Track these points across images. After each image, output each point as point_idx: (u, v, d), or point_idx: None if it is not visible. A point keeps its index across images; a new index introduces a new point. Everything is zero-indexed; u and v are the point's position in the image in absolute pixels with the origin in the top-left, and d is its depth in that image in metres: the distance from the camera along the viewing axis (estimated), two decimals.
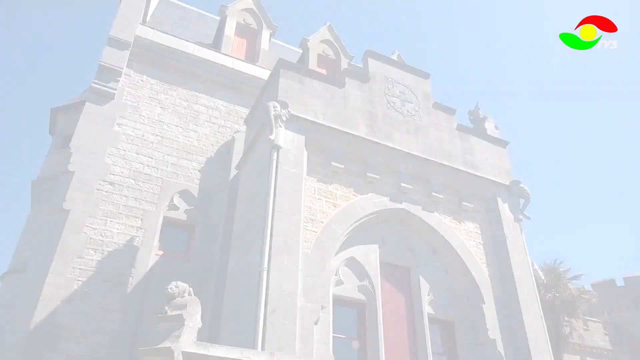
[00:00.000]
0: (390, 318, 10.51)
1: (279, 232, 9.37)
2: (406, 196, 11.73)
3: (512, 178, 13.37)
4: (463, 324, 11.11)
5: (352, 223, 10.65)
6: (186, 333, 5.46)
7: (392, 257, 11.26)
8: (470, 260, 11.54)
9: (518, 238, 12.35)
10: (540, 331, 11.00)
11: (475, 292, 11.24)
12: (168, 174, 13.15)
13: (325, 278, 9.66)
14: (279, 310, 8.49)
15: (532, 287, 11.67)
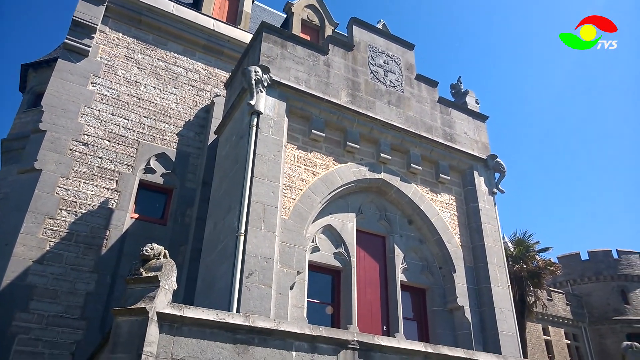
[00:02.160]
0: (364, 285, 10.73)
1: (257, 198, 9.37)
2: (385, 166, 11.81)
3: (489, 152, 13.56)
4: (434, 291, 11.43)
5: (330, 191, 10.71)
6: (161, 294, 5.47)
7: (369, 226, 11.42)
8: (444, 231, 11.79)
9: (491, 211, 12.63)
10: (507, 300, 11.39)
11: (447, 261, 11.54)
12: (145, 137, 12.91)
13: (302, 245, 9.75)
14: (254, 275, 8.57)
15: (501, 258, 12.02)
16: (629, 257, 42.30)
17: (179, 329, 5.49)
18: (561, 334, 37.52)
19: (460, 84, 15.33)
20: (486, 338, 10.84)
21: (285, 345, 5.96)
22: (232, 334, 5.72)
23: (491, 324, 10.89)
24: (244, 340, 5.75)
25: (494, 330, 10.78)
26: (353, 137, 11.48)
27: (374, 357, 6.46)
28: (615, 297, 40.51)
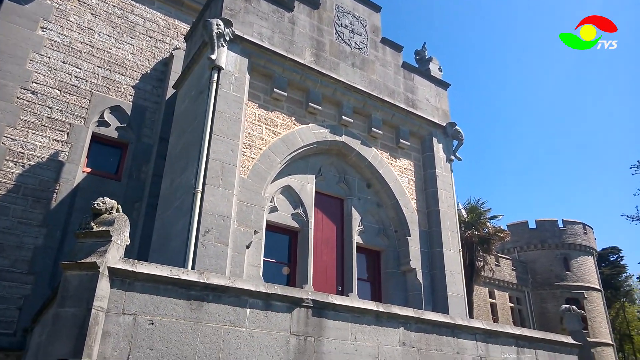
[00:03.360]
0: (321, 246, 10.86)
1: (216, 155, 9.19)
2: (346, 129, 11.79)
3: (449, 120, 13.74)
4: (388, 253, 11.71)
5: (290, 152, 10.63)
6: (113, 249, 5.34)
7: (328, 188, 11.47)
8: (401, 196, 11.98)
9: (447, 177, 12.91)
10: (457, 264, 11.81)
11: (403, 225, 11.79)
12: (98, 88, 12.33)
13: (260, 204, 9.71)
14: (211, 233, 8.50)
15: (454, 223, 12.38)
16: (573, 227, 44.58)
17: (132, 284, 5.40)
18: (506, 297, 39.52)
19: (425, 50, 15.31)
20: (436, 299, 11.26)
21: (240, 302, 5.98)
22: (186, 291, 5.69)
23: (441, 286, 11.31)
24: (198, 296, 5.73)
25: (444, 292, 11.20)
26: (316, 98, 11.35)
27: (328, 315, 6.60)
28: (557, 264, 42.81)
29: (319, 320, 6.51)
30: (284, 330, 6.15)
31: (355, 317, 6.83)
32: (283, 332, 6.13)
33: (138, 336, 5.21)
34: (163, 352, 5.28)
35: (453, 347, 7.62)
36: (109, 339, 5.05)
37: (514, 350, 8.40)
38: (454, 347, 7.63)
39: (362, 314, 6.90)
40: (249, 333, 5.87)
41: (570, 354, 9.43)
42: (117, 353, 5.04)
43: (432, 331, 7.51)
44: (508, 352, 8.30)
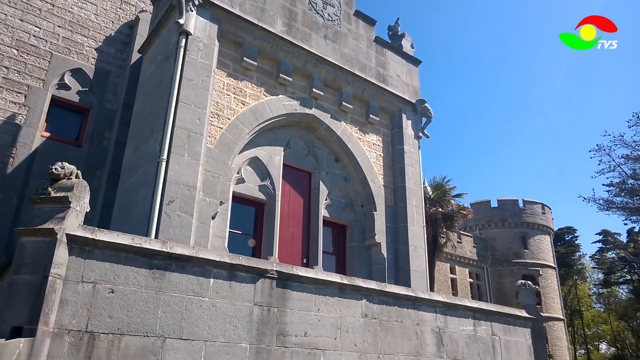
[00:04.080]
0: (287, 218, 10.86)
1: (182, 123, 8.98)
2: (316, 102, 11.69)
3: (418, 97, 13.80)
4: (354, 227, 11.82)
5: (259, 123, 10.48)
6: (71, 216, 5.16)
7: (296, 161, 11.41)
8: (369, 171, 12.05)
9: (415, 154, 13.03)
10: (420, 239, 12.04)
11: (369, 200, 11.89)
12: (59, 49, 11.77)
13: (227, 175, 9.58)
14: (175, 202, 8.36)
15: (420, 200, 12.57)
16: (533, 207, 46.06)
17: (91, 252, 5.26)
18: (466, 273, 40.78)
19: (398, 26, 15.21)
20: (399, 273, 11.49)
21: (204, 272, 5.93)
22: (148, 260, 5.59)
23: (404, 260, 11.53)
24: (161, 266, 5.65)
25: (407, 266, 11.43)
26: (286, 69, 11.17)
27: (292, 286, 6.63)
28: (516, 242, 44.31)
29: (283, 291, 6.53)
30: (248, 301, 6.16)
31: (319, 289, 6.89)
32: (247, 303, 6.13)
33: (97, 304, 5.11)
34: (123, 321, 5.20)
35: (413, 319, 7.82)
36: (67, 306, 4.94)
37: (471, 322, 8.69)
38: (414, 319, 7.83)
39: (326, 285, 6.96)
40: (212, 303, 5.84)
41: (524, 327, 9.82)
42: (75, 321, 4.93)
43: (394, 303, 7.66)
44: (465, 324, 8.57)
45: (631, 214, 37.85)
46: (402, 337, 7.52)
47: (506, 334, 9.30)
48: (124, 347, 5.12)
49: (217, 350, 5.67)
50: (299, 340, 6.39)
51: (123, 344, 5.12)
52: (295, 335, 6.40)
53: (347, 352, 6.80)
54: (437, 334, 8.04)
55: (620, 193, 37.43)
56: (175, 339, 5.44)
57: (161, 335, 5.36)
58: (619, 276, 61.93)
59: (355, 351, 6.89)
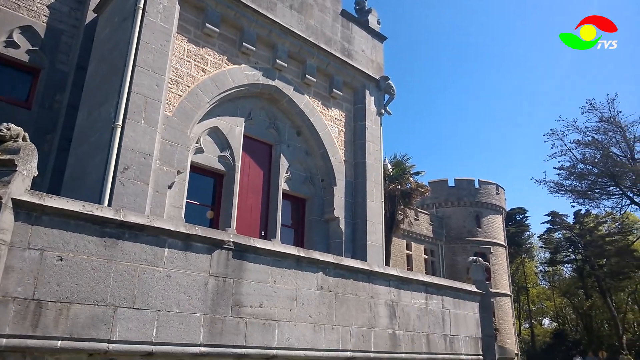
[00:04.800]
0: (246, 190, 10.77)
1: (139, 89, 8.66)
2: (280, 74, 11.51)
3: (382, 73, 13.80)
4: (313, 201, 11.87)
5: (220, 92, 10.25)
6: (18, 180, 4.92)
7: (257, 133, 11.27)
8: (330, 145, 12.05)
9: (377, 131, 13.10)
10: (378, 215, 12.22)
11: (329, 175, 11.92)
12: (7, 3, 11.03)
13: (185, 144, 9.37)
14: (130, 170, 8.13)
15: (379, 176, 12.70)
16: (487, 187, 47.52)
17: (39, 218, 5.06)
18: (421, 249, 41.89)
19: (365, 1, 15.08)
20: (356, 247, 11.65)
21: (158, 242, 5.82)
22: (100, 227, 5.42)
23: (361, 235, 11.69)
24: (113, 234, 5.50)
25: (364, 241, 11.60)
26: (250, 38, 10.90)
27: (248, 257, 6.60)
28: (470, 221, 45.75)
29: (239, 262, 6.50)
30: (203, 271, 6.10)
31: (276, 261, 6.90)
32: (202, 273, 6.08)
33: (45, 272, 4.94)
34: (73, 289, 5.06)
35: (368, 292, 7.97)
36: (12, 274, 4.75)
37: (423, 296, 8.94)
38: (369, 292, 7.98)
39: (283, 258, 6.98)
40: (166, 273, 5.76)
41: (473, 301, 10.20)
42: (21, 288, 4.76)
43: (350, 277, 7.77)
44: (418, 297, 8.82)
45: (579, 196, 39.68)
46: (357, 309, 7.67)
47: (456, 307, 9.64)
48: (73, 315, 4.99)
49: (171, 320, 5.62)
50: (254, 311, 6.41)
51: (72, 313, 4.99)
52: (250, 306, 6.41)
53: (301, 323, 6.88)
54: (390, 307, 8.24)
55: (569, 176, 39.10)
56: (128, 308, 5.35)
57: (112, 305, 5.25)
58: (564, 255, 65.17)
59: (310, 322, 6.98)
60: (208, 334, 5.85)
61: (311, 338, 6.90)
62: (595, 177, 38.00)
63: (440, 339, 9.00)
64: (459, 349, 9.39)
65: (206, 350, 5.76)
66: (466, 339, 9.65)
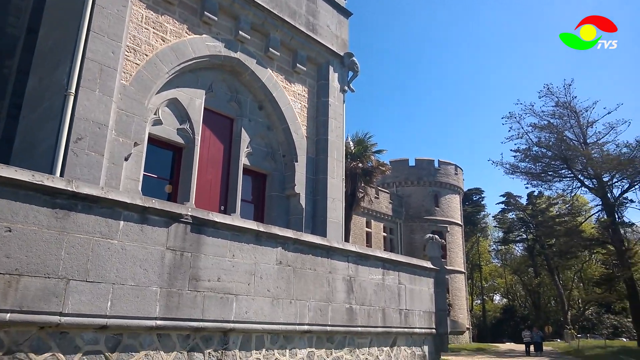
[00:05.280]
0: (206, 164, 10.61)
1: (94, 56, 8.30)
2: (242, 46, 11.27)
3: (347, 49, 13.72)
4: (274, 177, 11.82)
5: (180, 63, 9.95)
6: None
7: (218, 106, 11.06)
8: (292, 121, 11.97)
9: (339, 108, 13.09)
10: (339, 192, 12.31)
11: (291, 150, 11.88)
12: None
13: (143, 115, 9.10)
14: (84, 140, 7.84)
15: (341, 153, 12.75)
16: (447, 168, 48.60)
17: None
18: (381, 227, 42.65)
19: None
20: (316, 223, 11.73)
21: (113, 214, 5.67)
22: (51, 198, 5.23)
23: (322, 212, 11.77)
24: (65, 205, 5.31)
25: (324, 217, 11.69)
26: (212, 7, 10.59)
27: (207, 232, 6.54)
28: (429, 200, 46.81)
29: (197, 236, 6.43)
30: (160, 245, 6.00)
31: (235, 236, 6.86)
32: (159, 247, 5.98)
33: None
34: (22, 261, 4.89)
35: (326, 267, 8.06)
36: None
37: (380, 272, 9.13)
38: (328, 267, 8.08)
39: (242, 232, 6.95)
40: (121, 246, 5.63)
41: (428, 277, 10.50)
42: None
43: (309, 252, 7.83)
44: (375, 273, 9.00)
45: (532, 178, 41.08)
46: (315, 284, 7.76)
47: (411, 283, 9.90)
48: (23, 287, 4.83)
49: (126, 294, 5.53)
50: (212, 285, 6.38)
51: (22, 285, 4.83)
52: (208, 280, 6.38)
53: (260, 297, 6.91)
54: (348, 282, 8.38)
55: (525, 159, 40.36)
56: (80, 281, 5.22)
57: (64, 277, 5.11)
58: (516, 235, 67.82)
59: (268, 296, 7.02)
60: (164, 307, 5.80)
61: (269, 312, 6.95)
62: (549, 160, 39.36)
63: (395, 313, 9.25)
64: (414, 322, 9.68)
65: (162, 324, 5.72)
66: (420, 313, 9.95)
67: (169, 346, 5.87)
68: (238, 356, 6.59)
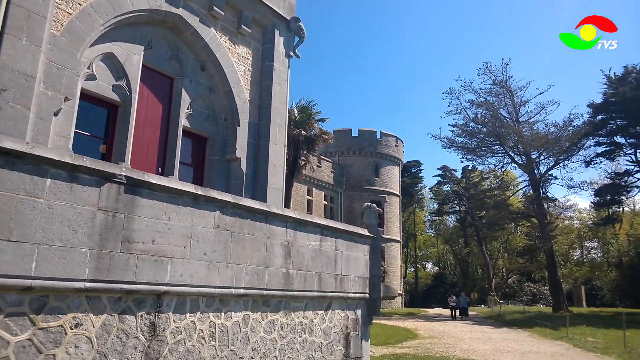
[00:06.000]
0: (143, 124, 10.22)
1: (20, 1, 7.66)
2: (185, 3, 10.78)
3: (294, 14, 13.48)
4: (215, 140, 11.60)
5: (117, 14, 9.40)
6: None
7: (158, 64, 10.61)
8: (235, 84, 11.71)
9: (284, 73, 12.92)
10: (280, 158, 12.28)
11: (233, 114, 11.66)
12: None
13: (74, 68, 8.57)
14: (9, 92, 7.31)
15: (284, 119, 12.67)
16: (388, 139, 49.57)
17: None
18: (322, 196, 43.16)
19: None
20: (256, 189, 11.68)
21: (39, 172, 5.37)
22: None
23: (263, 177, 11.72)
24: None
25: (264, 183, 11.66)
26: None
27: (142, 193, 6.35)
28: (369, 171, 47.75)
29: (131, 197, 6.23)
30: (91, 205, 5.78)
31: (172, 198, 6.72)
32: (89, 207, 5.75)
33: None
34: None
35: (265, 232, 8.09)
36: None
37: (318, 238, 9.29)
38: (266, 232, 8.11)
39: (179, 195, 6.81)
40: (48, 205, 5.37)
41: (364, 244, 10.80)
42: None
43: (247, 217, 7.82)
44: (313, 239, 9.14)
45: (467, 153, 42.83)
46: (252, 249, 7.79)
47: (348, 249, 10.15)
48: None
49: (52, 255, 5.31)
50: (146, 248, 6.25)
51: None
52: (142, 243, 6.24)
53: (196, 260, 6.86)
54: (286, 247, 8.47)
55: (461, 134, 41.91)
56: (2, 240, 4.95)
57: None
58: (450, 207, 70.91)
59: (204, 260, 6.98)
60: (94, 269, 5.63)
61: (205, 275, 6.93)
62: (484, 136, 41.09)
63: (331, 278, 9.49)
64: (348, 287, 9.98)
65: (92, 286, 5.57)
66: (355, 278, 10.26)
67: (98, 308, 5.74)
68: (172, 319, 6.56)
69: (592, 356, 14.65)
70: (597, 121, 37.61)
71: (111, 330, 5.78)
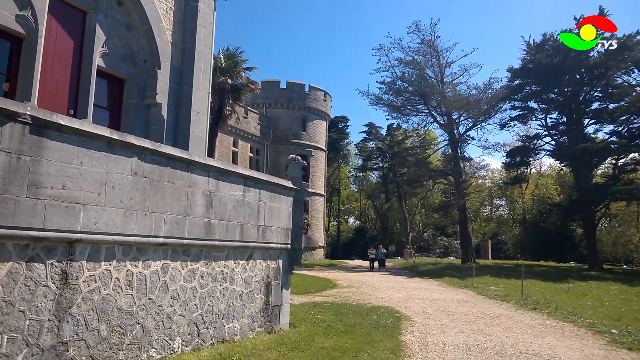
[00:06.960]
0: (52, 61, 9.39)
1: None
2: None
3: None
4: (133, 83, 10.94)
5: None
6: None
7: None
8: (156, 23, 10.99)
9: (210, 16, 12.30)
10: (204, 105, 11.86)
11: (153, 56, 11.01)
12: None
13: None
14: None
15: (208, 65, 12.16)
16: (316, 93, 49.41)
17: None
18: (247, 147, 42.58)
19: None
20: (177, 137, 11.27)
21: None
22: None
23: (185, 124, 11.30)
24: None
25: (187, 131, 11.26)
26: None
27: (50, 135, 5.89)
28: (297, 124, 47.60)
29: (38, 139, 5.77)
30: None
31: (84, 142, 6.30)
32: None
33: None
34: None
35: (186, 180, 7.87)
36: None
37: (241, 188, 9.20)
38: (187, 181, 7.89)
39: (92, 139, 6.39)
40: None
41: (288, 196, 10.86)
42: None
43: (167, 164, 7.54)
44: (235, 190, 9.04)
45: (393, 111, 43.79)
46: (172, 197, 7.57)
47: (271, 200, 10.17)
48: None
49: None
50: (55, 193, 5.87)
51: None
52: (51, 188, 5.85)
53: (111, 207, 6.56)
54: (208, 197, 8.32)
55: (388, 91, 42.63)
56: None
57: None
58: (374, 163, 72.90)
59: (121, 207, 6.70)
60: None
61: (121, 223, 6.67)
62: (409, 95, 42.08)
63: (254, 229, 9.50)
64: (270, 238, 10.07)
65: None
66: (278, 229, 10.36)
67: (3, 256, 5.37)
68: (85, 267, 6.29)
69: (493, 302, 16.03)
70: (514, 86, 39.51)
71: (18, 279, 5.47)
